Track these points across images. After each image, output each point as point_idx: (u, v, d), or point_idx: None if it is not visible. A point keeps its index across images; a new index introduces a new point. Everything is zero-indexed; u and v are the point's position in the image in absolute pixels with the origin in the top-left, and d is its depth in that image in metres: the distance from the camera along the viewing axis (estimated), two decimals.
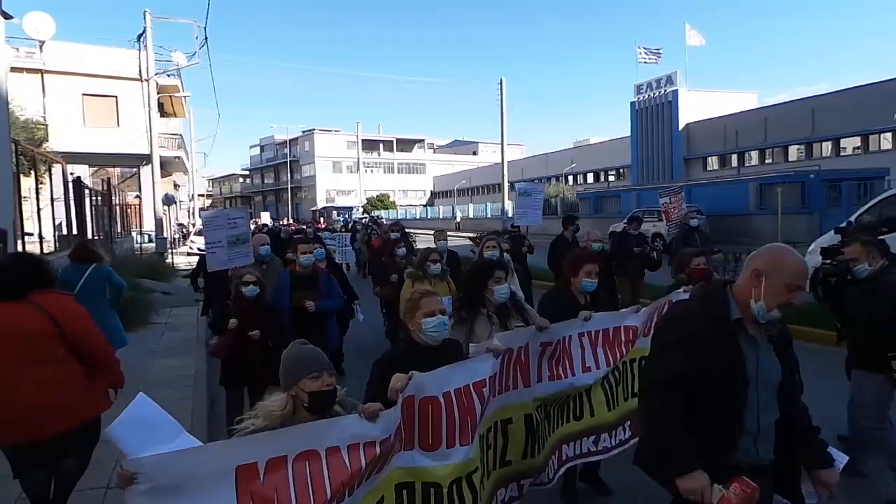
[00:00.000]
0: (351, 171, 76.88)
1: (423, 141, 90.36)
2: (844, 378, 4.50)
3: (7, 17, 6.45)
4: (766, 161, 39.17)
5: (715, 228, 19.96)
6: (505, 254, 6.34)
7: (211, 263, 6.55)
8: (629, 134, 47.62)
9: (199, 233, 29.69)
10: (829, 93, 35.91)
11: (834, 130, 34.30)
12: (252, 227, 17.82)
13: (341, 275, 7.77)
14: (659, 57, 45.36)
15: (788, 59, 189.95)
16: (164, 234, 23.45)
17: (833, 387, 4.95)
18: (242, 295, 4.96)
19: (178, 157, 33.18)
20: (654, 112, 44.59)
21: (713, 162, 42.68)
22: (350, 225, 19.94)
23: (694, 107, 42.80)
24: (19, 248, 6.80)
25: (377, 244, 11.82)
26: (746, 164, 40.07)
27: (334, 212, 52.63)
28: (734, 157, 41.05)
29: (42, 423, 3.28)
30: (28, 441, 3.30)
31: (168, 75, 27.38)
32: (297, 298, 5.46)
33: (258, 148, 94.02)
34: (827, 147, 35.70)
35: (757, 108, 41.69)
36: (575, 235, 9.48)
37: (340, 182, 78.46)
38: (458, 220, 49.87)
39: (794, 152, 37.96)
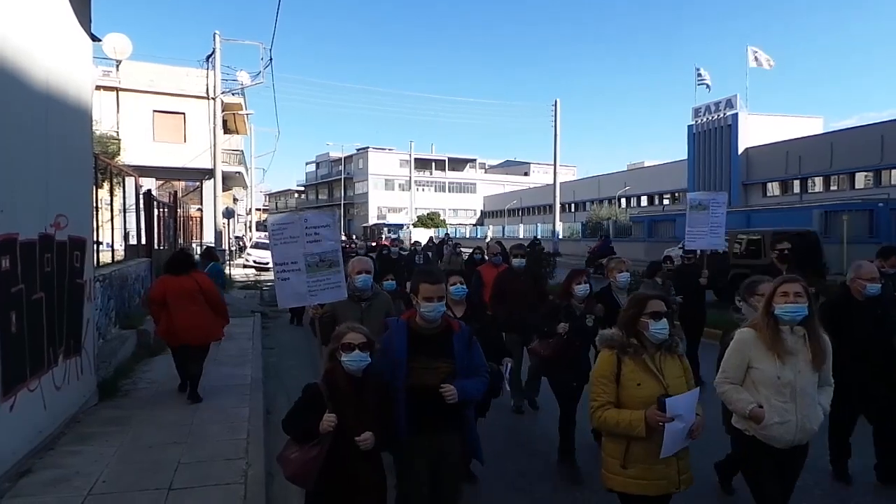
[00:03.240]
0: (403, 189, 77.85)
1: (474, 161, 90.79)
2: None
3: (95, 39, 6.88)
4: (832, 188, 37.65)
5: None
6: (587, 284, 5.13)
7: (282, 297, 4.47)
8: (685, 157, 46.67)
9: (255, 245, 30.55)
10: None
11: None
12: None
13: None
14: (707, 85, 44.57)
15: (855, 85, 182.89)
16: (223, 246, 24.22)
17: None
18: (342, 367, 3.02)
19: (239, 173, 34.33)
20: (713, 136, 43.59)
21: (773, 188, 41.32)
22: (412, 244, 19.49)
23: (754, 131, 41.63)
24: (94, 257, 7.17)
25: (489, 272, 7.44)
26: (809, 191, 38.61)
27: (385, 228, 53.43)
28: (797, 182, 39.63)
29: (201, 335, 6.82)
30: (191, 343, 6.76)
31: (233, 94, 28.50)
32: (417, 374, 3.19)
33: (314, 165, 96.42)
34: None
35: (822, 134, 40.23)
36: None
37: (392, 200, 79.47)
38: (489, 239, 49.90)
39: (861, 179, 36.36)
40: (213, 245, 17.47)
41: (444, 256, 18.66)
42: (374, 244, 25.47)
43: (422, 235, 43.32)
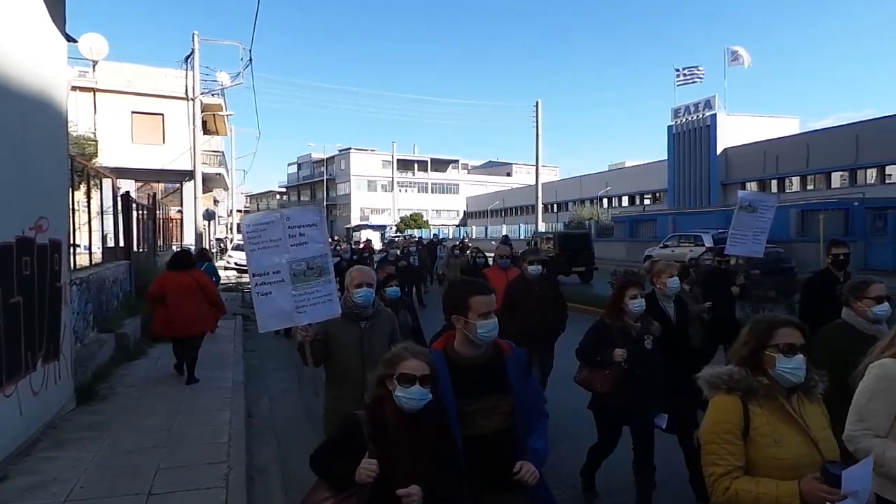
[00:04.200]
0: (385, 190, 77.72)
1: (457, 161, 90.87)
2: None
3: (70, 39, 6.78)
4: (808, 188, 38.31)
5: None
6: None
7: (263, 317, 3.67)
8: (665, 158, 47.18)
9: (237, 247, 30.26)
10: (875, 118, 35.07)
11: (879, 157, 33.38)
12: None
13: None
14: (701, 78, 44.90)
15: (832, 85, 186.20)
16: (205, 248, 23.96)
17: None
18: (393, 401, 2.34)
19: (219, 174, 34.00)
20: (692, 136, 44.13)
21: (752, 187, 41.93)
22: (402, 248, 17.51)
23: (732, 131, 42.22)
24: (70, 260, 7.07)
25: (497, 277, 6.34)
26: (787, 191, 39.24)
27: (367, 230, 53.28)
28: (774, 182, 40.28)
29: (192, 328, 7.53)
30: (185, 335, 7.54)
31: (212, 94, 28.23)
32: (470, 419, 2.50)
33: (296, 166, 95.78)
34: (872, 174, 34.77)
35: (799, 134, 40.92)
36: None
37: (375, 201, 79.23)
38: (467, 239, 50.07)
39: (837, 179, 37.04)
40: (190, 247, 17.23)
41: (443, 259, 17.66)
42: (361, 246, 22.83)
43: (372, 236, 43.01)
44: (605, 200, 56.32)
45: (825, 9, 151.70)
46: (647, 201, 52.97)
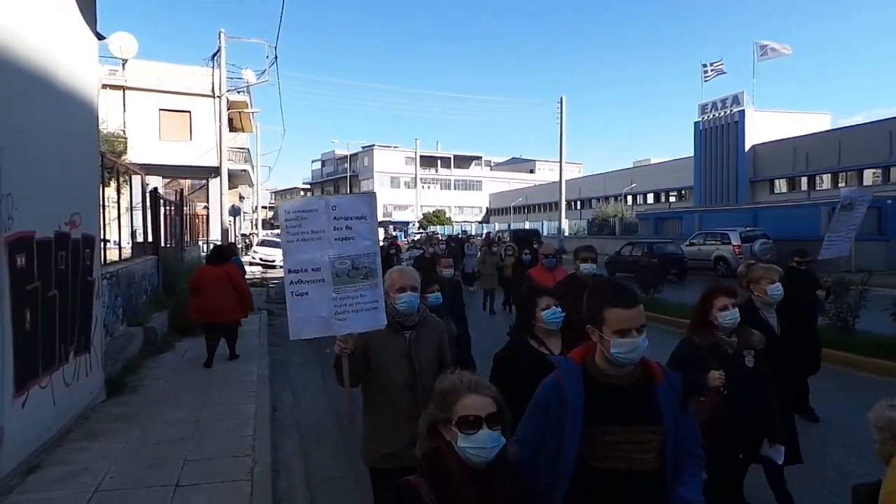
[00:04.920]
0: (408, 187, 77.97)
1: (480, 158, 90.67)
2: None
3: (101, 38, 6.91)
4: (840, 185, 37.41)
5: (783, 253, 19.20)
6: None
7: (297, 322, 3.14)
8: (692, 154, 46.49)
9: (262, 243, 30.65)
10: None
11: None
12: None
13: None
14: (722, 71, 44.11)
15: (863, 81, 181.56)
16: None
17: None
18: (455, 454, 1.82)
19: (245, 171, 34.42)
20: (720, 132, 43.38)
21: (781, 185, 41.12)
22: (429, 244, 16.99)
23: (761, 128, 41.40)
24: (101, 255, 7.23)
25: (543, 278, 5.79)
26: (817, 188, 38.41)
27: (390, 226, 53.52)
28: (804, 179, 39.42)
29: (220, 315, 8.33)
30: (214, 321, 8.38)
31: (238, 92, 28.55)
32: (612, 450, 2.07)
33: (319, 162, 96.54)
34: None
35: (830, 130, 39.97)
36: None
37: (398, 197, 79.48)
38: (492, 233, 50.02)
39: (869, 176, 36.15)
40: (217, 242, 17.83)
41: (474, 256, 16.61)
42: (388, 243, 21.40)
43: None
44: (629, 197, 55.74)
45: (856, 4, 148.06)
46: (672, 198, 52.27)
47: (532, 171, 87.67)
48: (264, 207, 70.88)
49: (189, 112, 27.98)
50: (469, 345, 5.43)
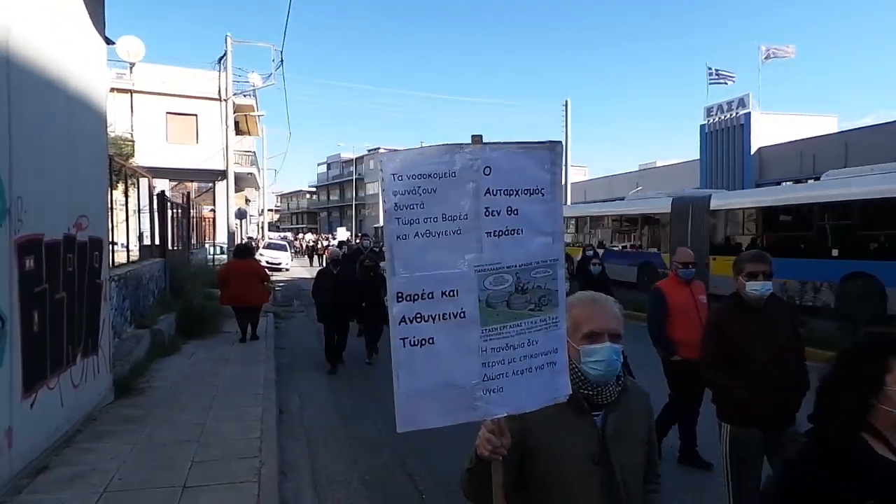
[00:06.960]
0: None
1: None
2: None
3: (109, 42, 6.97)
4: None
5: None
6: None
7: (408, 405, 1.45)
8: (697, 157, 46.39)
9: (268, 246, 30.84)
10: None
11: None
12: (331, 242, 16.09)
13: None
14: (732, 80, 44.07)
15: (870, 83, 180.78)
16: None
17: None
18: None
19: (251, 174, 34.52)
20: (725, 135, 43.33)
21: None
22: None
23: (767, 130, 41.34)
24: (110, 257, 7.27)
25: (677, 292, 4.92)
26: None
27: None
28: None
29: (250, 300, 10.43)
30: (244, 305, 10.40)
31: (244, 95, 28.67)
32: None
33: (325, 166, 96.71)
34: None
35: (837, 133, 39.86)
36: None
37: None
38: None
39: None
40: (224, 245, 18.68)
41: None
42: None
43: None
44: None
45: (863, 4, 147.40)
46: None
47: None
48: (270, 210, 71.03)
49: (196, 115, 28.09)
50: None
